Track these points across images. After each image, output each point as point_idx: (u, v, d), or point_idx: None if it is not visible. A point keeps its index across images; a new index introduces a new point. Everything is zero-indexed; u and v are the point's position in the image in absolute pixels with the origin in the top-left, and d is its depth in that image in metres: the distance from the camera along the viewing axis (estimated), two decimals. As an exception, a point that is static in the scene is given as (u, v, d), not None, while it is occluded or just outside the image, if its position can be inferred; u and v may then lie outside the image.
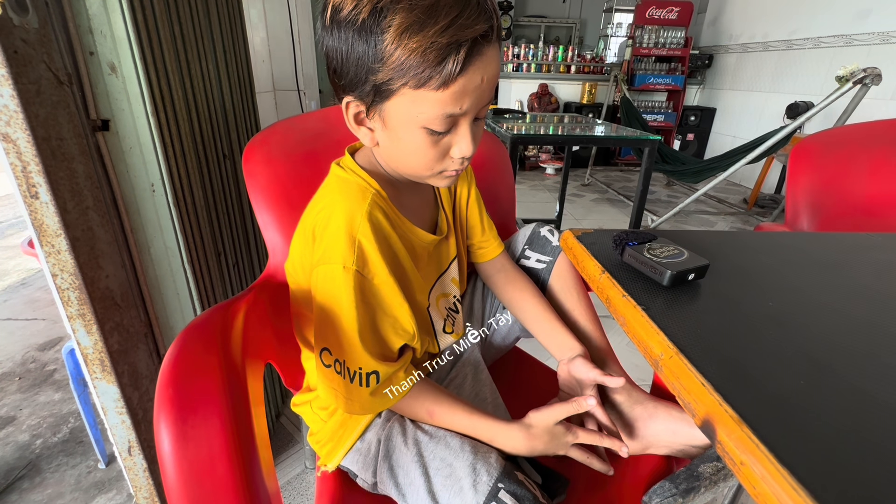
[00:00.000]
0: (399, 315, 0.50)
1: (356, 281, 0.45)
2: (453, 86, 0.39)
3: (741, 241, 0.53)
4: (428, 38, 0.36)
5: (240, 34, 1.00)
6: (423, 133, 0.42)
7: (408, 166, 0.48)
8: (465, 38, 0.37)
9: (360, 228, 0.45)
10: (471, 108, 0.42)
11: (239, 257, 1.01)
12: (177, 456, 0.35)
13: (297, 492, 1.02)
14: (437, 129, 0.42)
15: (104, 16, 0.61)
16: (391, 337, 0.50)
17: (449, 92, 0.39)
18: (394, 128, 0.43)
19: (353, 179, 0.49)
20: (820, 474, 0.22)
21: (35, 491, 1.02)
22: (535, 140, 1.89)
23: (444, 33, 0.36)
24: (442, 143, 0.44)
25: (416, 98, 0.40)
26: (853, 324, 0.36)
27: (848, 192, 0.99)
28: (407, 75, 0.38)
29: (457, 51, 0.37)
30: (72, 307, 0.62)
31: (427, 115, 0.41)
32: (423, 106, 0.40)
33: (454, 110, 0.41)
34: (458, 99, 0.40)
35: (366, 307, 0.47)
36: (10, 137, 0.53)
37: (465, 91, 0.40)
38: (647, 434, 0.54)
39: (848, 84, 2.08)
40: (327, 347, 0.47)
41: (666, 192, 3.89)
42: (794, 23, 3.49)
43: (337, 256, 0.45)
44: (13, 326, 1.69)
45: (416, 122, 0.42)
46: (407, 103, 0.40)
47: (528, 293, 0.65)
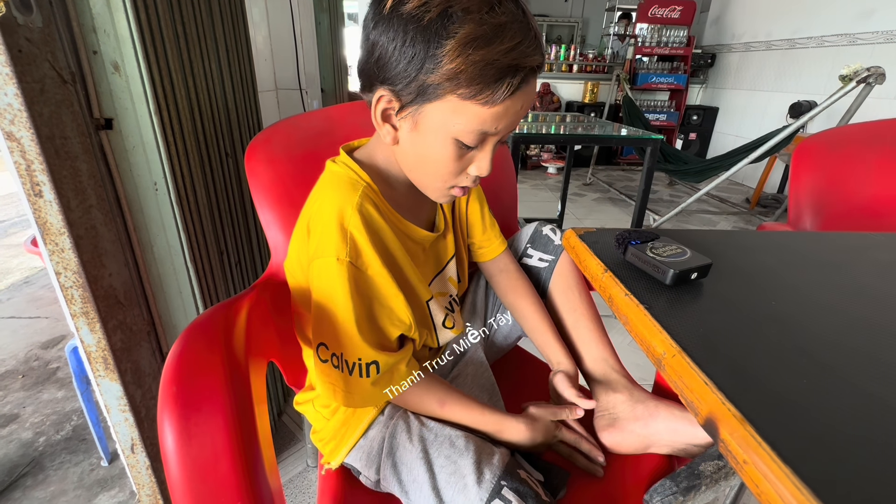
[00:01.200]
0: (395, 306, 0.50)
1: (350, 272, 0.45)
2: (499, 106, 0.40)
3: (744, 241, 0.53)
4: (492, 56, 0.38)
5: (242, 33, 1.00)
6: (452, 144, 0.43)
7: (423, 174, 0.49)
8: (525, 65, 0.40)
9: (351, 220, 0.46)
10: (503, 129, 0.43)
11: (241, 256, 1.01)
12: (180, 453, 0.35)
13: (299, 490, 1.03)
14: (467, 143, 0.43)
15: (108, 15, 0.61)
16: (388, 327, 0.50)
17: (493, 111, 0.41)
18: (424, 132, 0.44)
19: (345, 172, 0.50)
20: (823, 473, 0.22)
21: (38, 488, 1.02)
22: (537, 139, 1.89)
23: (507, 55, 0.38)
24: (464, 159, 0.45)
25: (458, 108, 0.41)
26: (856, 324, 0.36)
27: (851, 191, 0.99)
28: (460, 84, 0.39)
29: (514, 75, 0.39)
30: (75, 305, 0.62)
31: (463, 128, 0.42)
32: (463, 117, 0.41)
33: (490, 129, 0.42)
34: (497, 119, 0.41)
35: (361, 298, 0.47)
36: (14, 136, 0.53)
37: (507, 113, 0.42)
38: (649, 433, 0.54)
39: (851, 83, 2.08)
40: (324, 342, 0.48)
41: (668, 191, 3.88)
42: (798, 22, 3.48)
43: (330, 249, 0.45)
44: (17, 324, 1.70)
45: (450, 132, 0.43)
46: (448, 111, 0.41)
47: (527, 300, 0.65)
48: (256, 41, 1.22)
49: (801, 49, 3.46)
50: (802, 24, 3.44)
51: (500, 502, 0.42)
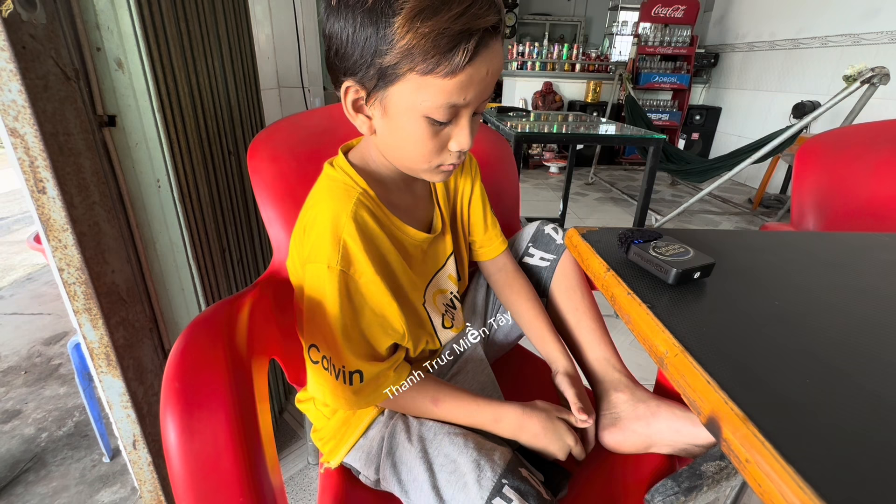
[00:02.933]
0: (388, 314, 0.50)
1: (340, 280, 0.45)
2: (461, 75, 0.39)
3: (747, 241, 0.53)
4: (441, 24, 0.36)
5: (245, 31, 1.00)
6: (424, 122, 0.42)
7: (404, 158, 0.48)
8: (477, 27, 0.38)
9: (346, 228, 0.46)
10: (473, 99, 0.42)
11: (243, 253, 1.01)
12: (183, 449, 0.35)
13: (300, 487, 1.03)
14: (439, 119, 0.42)
15: (111, 12, 0.61)
16: (379, 336, 0.50)
17: (455, 81, 0.39)
18: (394, 115, 0.43)
19: (341, 178, 0.50)
20: (826, 472, 0.22)
21: (40, 484, 1.03)
22: (540, 138, 1.89)
23: (457, 20, 0.36)
24: (441, 135, 0.44)
25: (421, 85, 0.40)
26: (860, 324, 0.36)
27: (854, 192, 0.98)
28: (415, 60, 0.38)
29: (468, 39, 0.37)
30: (78, 301, 0.62)
31: (430, 104, 0.41)
32: (427, 93, 0.40)
33: (458, 100, 0.41)
34: (463, 89, 0.40)
35: (351, 307, 0.47)
36: (18, 132, 0.53)
37: (471, 82, 0.40)
38: (650, 432, 0.54)
39: (855, 83, 2.07)
40: (315, 344, 0.48)
41: (670, 191, 3.87)
42: (802, 21, 3.46)
43: (322, 256, 0.45)
44: (19, 321, 1.71)
45: (419, 111, 0.41)
46: (411, 90, 0.40)
47: (523, 298, 0.65)
48: (259, 39, 1.22)
49: (805, 49, 3.44)
50: (806, 23, 3.42)
51: (501, 501, 0.42)
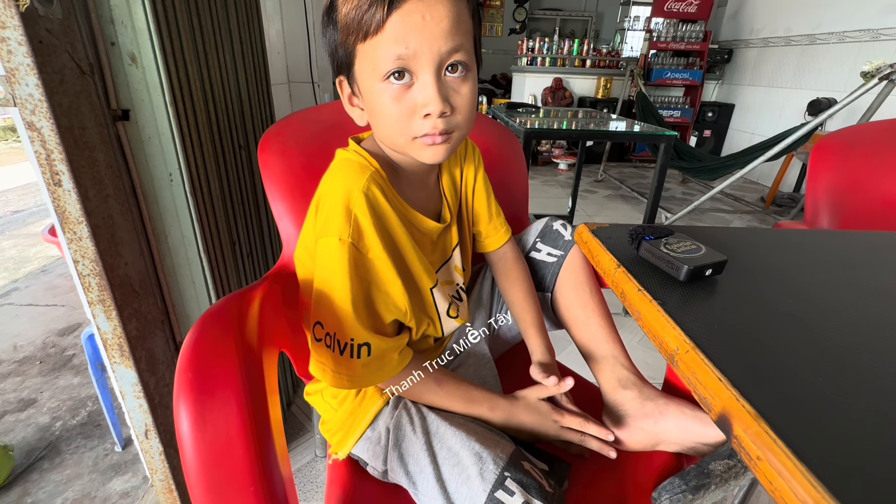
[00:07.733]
0: (392, 291, 0.50)
1: (351, 254, 0.46)
2: (389, 24, 0.41)
3: (760, 239, 0.52)
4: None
5: (256, 26, 1.01)
6: (384, 88, 0.44)
7: (385, 135, 0.49)
8: None
9: (357, 203, 0.46)
10: (419, 48, 0.41)
11: (253, 247, 1.02)
12: (196, 437, 0.36)
13: (308, 479, 1.04)
14: (393, 71, 0.42)
15: (125, 7, 0.62)
16: (383, 312, 0.51)
17: (388, 34, 0.41)
18: (366, 93, 0.46)
19: (355, 158, 0.51)
20: (838, 471, 0.22)
21: (55, 471, 1.05)
22: (549, 134, 1.88)
23: None
24: (405, 99, 0.44)
25: (367, 52, 0.43)
26: (874, 323, 0.35)
27: (870, 190, 0.96)
28: (353, 33, 0.42)
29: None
30: (92, 293, 0.63)
31: (379, 65, 0.43)
32: (374, 56, 0.42)
33: (400, 50, 0.41)
34: (398, 39, 0.41)
35: (359, 280, 0.47)
36: (35, 126, 0.54)
37: (406, 29, 0.41)
38: (658, 430, 0.53)
39: (874, 80, 2.02)
40: (321, 321, 0.48)
41: (681, 189, 3.83)
42: (819, 16, 3.39)
43: (334, 229, 0.46)
44: (34, 312, 1.74)
45: (376, 77, 0.43)
46: (364, 63, 0.44)
47: (517, 287, 0.65)
48: (270, 34, 1.22)
49: (821, 44, 3.38)
50: (823, 18, 3.35)
51: (503, 493, 0.42)
